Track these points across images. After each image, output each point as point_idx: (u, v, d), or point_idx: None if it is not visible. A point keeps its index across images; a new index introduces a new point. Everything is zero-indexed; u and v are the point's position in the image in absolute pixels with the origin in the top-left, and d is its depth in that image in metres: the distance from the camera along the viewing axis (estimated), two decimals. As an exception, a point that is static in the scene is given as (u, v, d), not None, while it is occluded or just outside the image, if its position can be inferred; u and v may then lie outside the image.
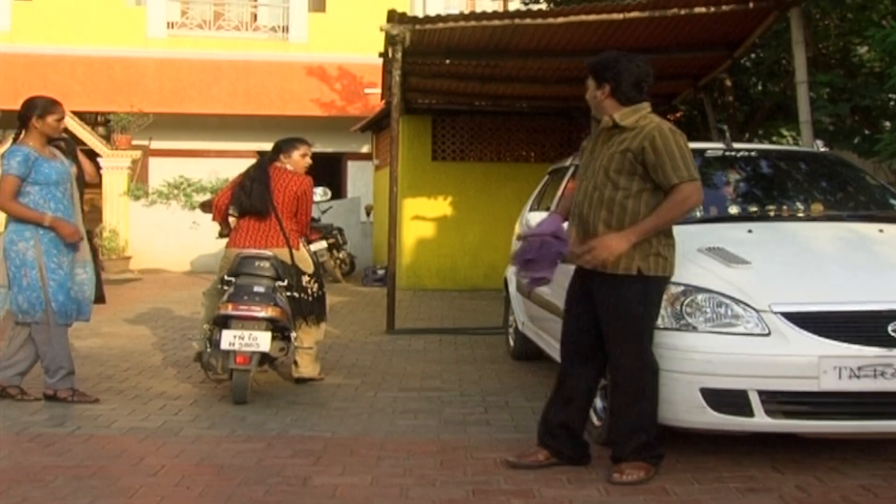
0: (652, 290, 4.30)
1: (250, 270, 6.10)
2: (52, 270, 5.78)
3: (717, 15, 9.28)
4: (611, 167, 4.36)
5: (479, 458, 4.76)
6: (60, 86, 17.41)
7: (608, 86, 4.41)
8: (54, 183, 5.81)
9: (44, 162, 5.78)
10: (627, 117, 4.40)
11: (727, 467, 4.51)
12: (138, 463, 4.67)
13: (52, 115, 5.84)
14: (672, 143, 4.28)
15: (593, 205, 4.40)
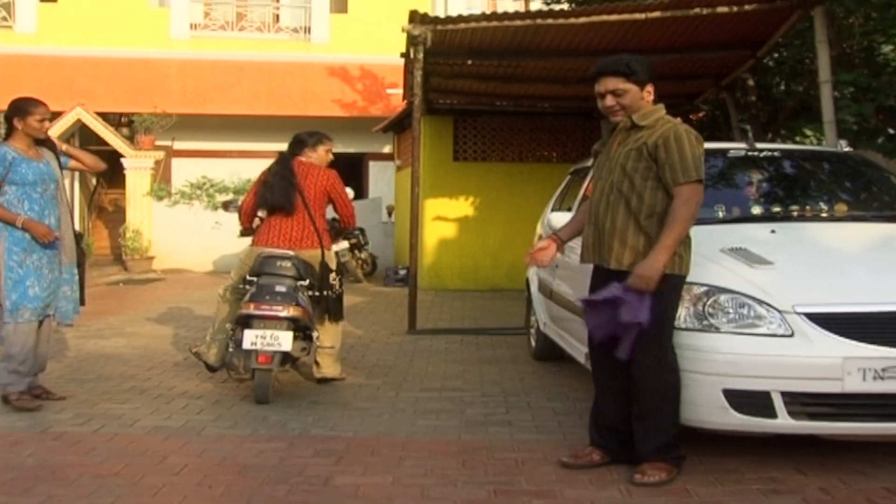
0: (670, 289, 4.29)
1: (272, 270, 6.12)
2: (9, 269, 5.76)
3: (740, 14, 9.23)
4: (628, 164, 4.38)
5: (501, 458, 4.75)
6: (85, 87, 17.59)
7: (651, 85, 4.45)
8: (30, 183, 5.79)
9: (22, 162, 5.79)
10: (647, 118, 4.43)
11: (750, 469, 4.49)
12: (161, 462, 4.70)
13: (32, 116, 5.84)
14: (685, 143, 4.30)
15: (610, 204, 4.41)
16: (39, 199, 5.86)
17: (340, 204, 6.61)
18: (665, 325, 4.30)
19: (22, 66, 17.59)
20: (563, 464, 4.57)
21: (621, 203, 4.37)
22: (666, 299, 4.28)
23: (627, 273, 4.28)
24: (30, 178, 5.80)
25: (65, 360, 7.62)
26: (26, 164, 5.81)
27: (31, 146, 5.92)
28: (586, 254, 4.59)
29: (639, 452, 4.35)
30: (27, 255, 5.79)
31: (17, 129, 5.87)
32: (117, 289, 14.26)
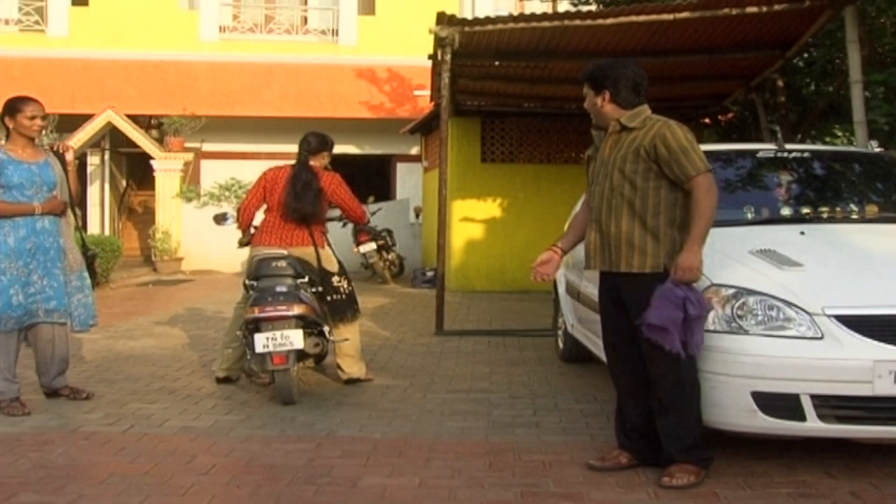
0: None
1: (269, 272, 6.17)
2: None
3: (769, 14, 9.16)
4: (626, 167, 4.40)
5: (528, 460, 4.75)
6: (115, 89, 17.75)
7: (607, 92, 4.51)
8: (16, 186, 5.63)
9: (10, 164, 5.63)
10: (633, 119, 4.48)
11: (779, 472, 4.46)
12: (190, 461, 4.73)
13: (22, 114, 5.68)
14: (682, 138, 4.33)
15: (613, 209, 4.43)
16: (30, 203, 5.71)
17: (345, 206, 6.79)
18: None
19: (54, 69, 17.78)
20: (591, 466, 4.56)
21: (624, 206, 4.39)
22: None
23: (638, 275, 4.29)
24: (15, 180, 5.64)
25: (95, 361, 7.68)
26: (13, 167, 5.64)
27: (26, 147, 5.76)
28: (591, 260, 4.60)
29: (666, 453, 4.34)
30: (11, 262, 5.65)
31: (9, 129, 5.74)
32: (146, 290, 14.37)
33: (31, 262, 5.70)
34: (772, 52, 10.73)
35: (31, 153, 5.78)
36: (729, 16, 9.07)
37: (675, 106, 14.01)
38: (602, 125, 4.62)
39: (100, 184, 19.20)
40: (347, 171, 20.48)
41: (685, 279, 4.18)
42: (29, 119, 5.70)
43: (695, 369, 4.31)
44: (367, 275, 15.70)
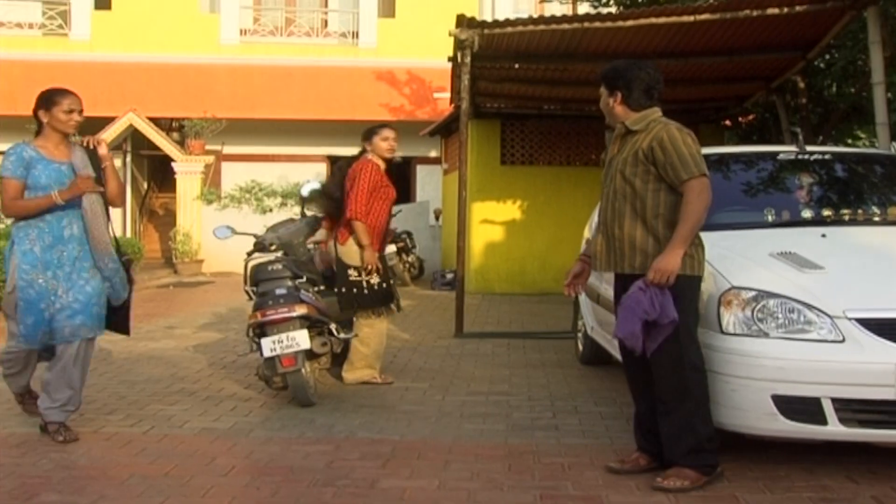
0: (683, 290, 4.25)
1: (267, 276, 6.21)
2: (21, 289, 5.13)
3: (790, 16, 9.12)
4: (626, 170, 4.42)
5: (547, 462, 4.74)
6: (137, 92, 17.86)
7: (619, 93, 4.51)
8: (43, 188, 5.10)
9: (39, 162, 5.13)
10: (638, 122, 4.48)
11: (800, 476, 4.43)
12: (210, 463, 4.75)
13: (59, 107, 5.16)
14: (679, 142, 4.32)
15: (616, 211, 4.44)
16: (54, 207, 5.19)
17: (348, 196, 6.65)
18: (684, 325, 4.25)
19: (76, 72, 17.88)
20: (610, 469, 4.55)
21: (626, 208, 4.40)
22: (682, 299, 4.24)
23: (641, 276, 4.28)
24: (42, 181, 5.13)
25: (116, 362, 7.72)
26: (43, 165, 5.14)
27: (59, 144, 5.24)
28: (598, 262, 4.61)
29: (666, 457, 4.34)
30: (38, 273, 5.15)
31: (43, 124, 5.20)
32: (167, 291, 14.45)
33: (59, 273, 5.17)
34: (793, 53, 10.67)
35: (64, 151, 5.26)
36: (750, 17, 9.03)
37: (696, 108, 13.99)
38: (613, 126, 4.65)
39: (121, 186, 19.31)
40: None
41: (657, 281, 4.18)
42: (66, 113, 5.18)
43: (701, 372, 4.30)
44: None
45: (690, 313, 4.34)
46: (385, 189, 6.71)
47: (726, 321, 4.36)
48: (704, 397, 4.31)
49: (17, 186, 5.12)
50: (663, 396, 4.32)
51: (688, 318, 4.31)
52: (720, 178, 5.93)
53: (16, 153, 5.14)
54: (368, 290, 6.59)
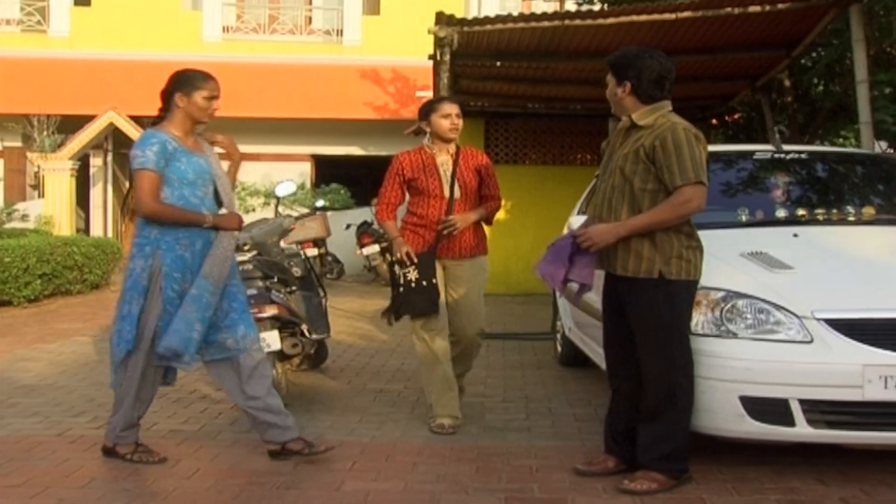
0: (677, 294, 4.18)
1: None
2: (169, 300, 4.53)
3: (774, 14, 9.07)
4: (626, 167, 4.27)
5: (516, 464, 4.69)
6: (117, 90, 17.72)
7: (629, 83, 4.30)
8: (189, 184, 4.58)
9: (182, 154, 4.58)
10: (645, 116, 4.29)
11: (769, 478, 4.38)
12: (174, 465, 4.68)
13: (199, 92, 4.65)
14: (684, 144, 4.14)
15: (613, 207, 4.31)
16: (200, 206, 4.64)
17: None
18: (674, 330, 4.19)
19: (55, 69, 17.77)
20: (578, 471, 4.49)
21: (623, 207, 4.26)
22: (677, 303, 4.18)
23: (633, 279, 4.20)
24: (190, 176, 4.57)
25: (90, 364, 7.64)
26: (187, 158, 4.59)
27: (190, 133, 4.71)
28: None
29: (638, 459, 4.28)
30: (189, 282, 4.59)
31: (177, 109, 4.64)
32: (149, 291, 14.32)
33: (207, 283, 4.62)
34: (777, 51, 10.60)
35: (195, 143, 4.75)
36: (732, 15, 8.97)
37: (682, 106, 13.82)
38: (620, 116, 4.43)
39: (102, 185, 19.19)
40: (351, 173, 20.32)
41: (583, 244, 4.21)
42: (207, 100, 4.70)
43: (690, 379, 4.22)
44: (370, 277, 15.68)
45: (685, 318, 4.25)
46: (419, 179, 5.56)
47: (695, 322, 4.30)
48: (689, 405, 4.24)
49: (157, 181, 4.52)
50: (650, 401, 4.23)
51: (682, 323, 4.24)
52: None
53: (158, 141, 4.54)
54: (405, 287, 5.53)
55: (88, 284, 13.11)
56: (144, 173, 4.49)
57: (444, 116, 5.54)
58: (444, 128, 5.55)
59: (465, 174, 5.59)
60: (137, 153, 4.51)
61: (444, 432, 5.29)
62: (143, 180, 4.50)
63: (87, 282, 13.05)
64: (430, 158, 5.58)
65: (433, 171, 5.54)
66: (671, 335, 4.18)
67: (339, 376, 7.09)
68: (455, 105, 5.59)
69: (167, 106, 4.69)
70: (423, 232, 5.55)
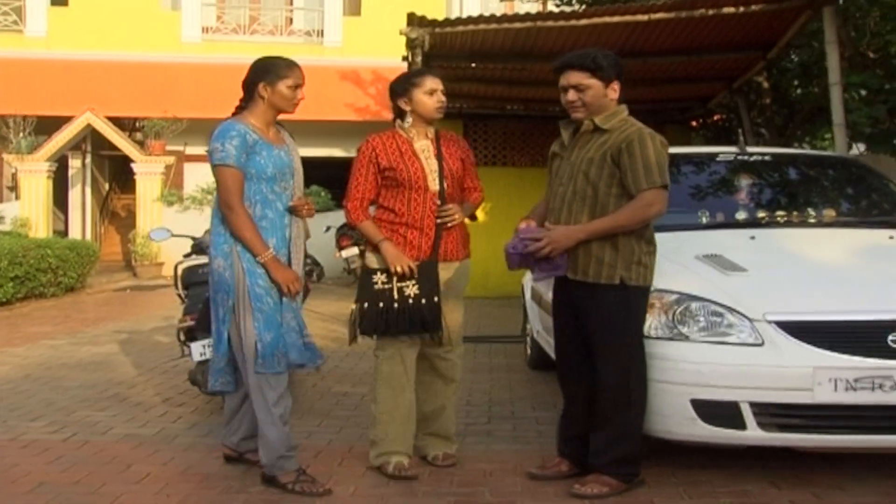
0: (635, 300, 4.16)
1: (197, 279, 6.09)
2: (256, 297, 4.20)
3: (748, 15, 9.06)
4: (591, 171, 4.19)
5: (470, 468, 4.64)
6: (95, 91, 17.65)
7: (617, 83, 4.25)
8: (268, 179, 4.24)
9: (263, 147, 4.24)
10: (609, 120, 4.24)
11: (722, 482, 4.34)
12: (125, 470, 4.63)
13: (284, 81, 4.32)
14: (650, 149, 4.11)
15: (573, 212, 4.24)
16: (277, 202, 4.32)
17: None
18: (631, 335, 4.16)
19: (32, 69, 17.69)
20: (531, 475, 4.45)
21: (585, 212, 4.20)
22: (631, 309, 4.16)
23: (593, 285, 4.15)
24: (269, 171, 4.25)
25: (53, 367, 7.58)
26: (267, 151, 4.26)
27: (271, 125, 4.39)
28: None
29: (591, 462, 4.24)
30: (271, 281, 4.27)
31: (260, 100, 4.32)
32: (124, 295, 14.26)
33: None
34: (753, 53, 10.62)
35: (276, 134, 4.42)
36: (706, 16, 8.95)
37: (661, 108, 13.93)
38: (577, 120, 4.32)
39: (81, 187, 19.10)
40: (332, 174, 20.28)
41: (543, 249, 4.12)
42: (291, 90, 4.36)
43: (644, 383, 4.19)
44: (349, 280, 15.63)
45: (641, 324, 4.22)
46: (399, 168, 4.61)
47: (649, 325, 4.25)
48: (642, 409, 4.21)
49: (241, 179, 4.19)
50: (605, 406, 4.18)
51: (639, 328, 4.21)
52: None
53: (238, 134, 4.21)
54: (401, 304, 4.56)
55: (63, 287, 13.06)
56: (226, 170, 4.16)
57: (429, 93, 4.65)
58: (429, 107, 4.65)
59: (451, 162, 4.72)
60: (217, 146, 4.19)
61: (406, 475, 4.45)
62: (226, 177, 4.17)
63: (62, 284, 13.00)
64: (406, 143, 4.66)
65: (413, 159, 4.62)
66: (628, 340, 4.15)
67: (305, 379, 7.03)
68: (439, 79, 4.71)
69: (249, 96, 4.36)
70: (404, 231, 4.61)
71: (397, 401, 4.58)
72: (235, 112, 4.39)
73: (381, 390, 4.62)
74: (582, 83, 4.23)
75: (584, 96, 4.24)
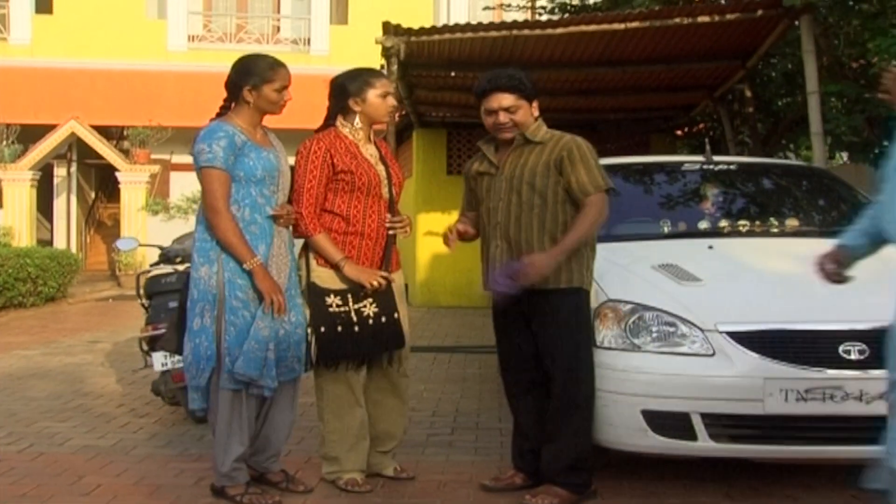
0: (586, 305, 4.17)
1: (160, 289, 6.06)
2: (232, 310, 4.06)
3: (725, 24, 9.05)
4: (536, 181, 4.20)
5: (425, 480, 4.59)
6: (80, 99, 17.62)
7: (536, 101, 4.35)
8: (257, 181, 4.10)
9: (252, 149, 4.10)
10: (538, 131, 4.31)
11: (676, 493, 4.30)
12: (75, 482, 4.57)
13: (271, 85, 4.16)
14: (588, 154, 4.20)
15: (522, 224, 4.23)
16: (266, 206, 4.17)
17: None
18: (581, 341, 4.14)
19: (16, 78, 17.67)
20: (484, 487, 4.41)
21: (534, 222, 4.20)
22: (581, 314, 4.15)
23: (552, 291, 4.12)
24: (258, 173, 4.10)
25: (22, 378, 7.53)
26: (256, 153, 4.12)
27: (256, 127, 4.22)
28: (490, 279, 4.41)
29: (543, 473, 4.20)
30: (253, 289, 4.10)
31: (244, 102, 4.16)
32: (106, 305, 14.19)
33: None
34: (732, 62, 10.59)
35: (262, 136, 4.27)
36: (683, 26, 8.94)
37: (645, 117, 13.92)
38: (507, 136, 4.31)
39: (66, 196, 19.06)
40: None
41: (525, 276, 4.02)
42: (278, 92, 4.20)
43: (593, 391, 4.15)
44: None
45: (585, 329, 4.20)
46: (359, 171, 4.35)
47: (602, 335, 4.22)
48: (592, 415, 4.17)
49: (228, 181, 4.05)
50: (555, 416, 4.16)
51: (588, 334, 4.19)
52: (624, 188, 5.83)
53: (226, 135, 4.06)
54: (361, 327, 4.32)
55: (43, 297, 13.00)
56: (213, 172, 4.01)
57: (384, 96, 4.45)
58: (382, 110, 4.46)
59: (396, 170, 4.59)
60: (203, 147, 4.03)
61: (358, 489, 4.33)
62: (212, 180, 4.01)
63: (42, 294, 12.93)
64: (354, 146, 4.39)
65: (367, 163, 4.36)
66: (580, 347, 4.14)
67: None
68: (391, 82, 4.62)
69: (234, 97, 4.21)
70: (357, 242, 4.33)
71: (345, 421, 4.38)
72: (220, 113, 4.26)
73: (327, 411, 4.42)
74: (513, 105, 4.27)
75: (515, 117, 4.28)
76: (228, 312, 4.03)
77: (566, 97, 11.89)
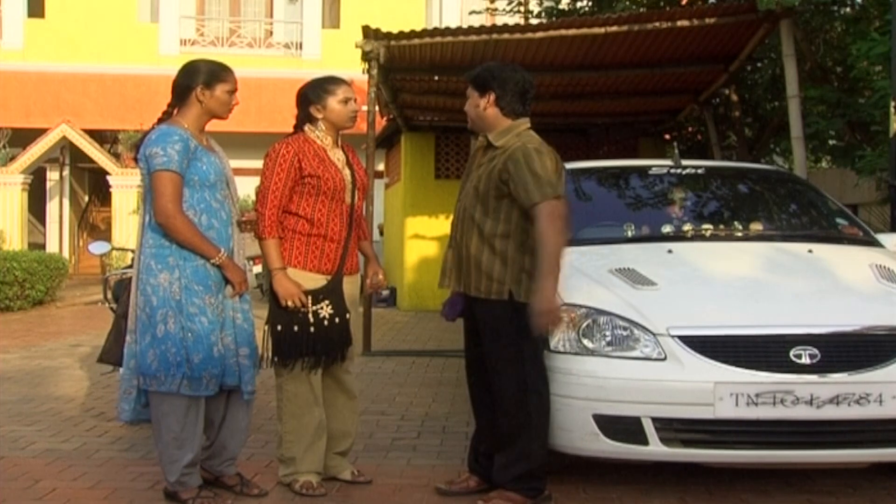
0: (524, 313, 4.04)
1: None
2: (189, 316, 4.04)
3: (706, 29, 9.07)
4: (480, 186, 4.17)
5: (381, 484, 4.58)
6: (72, 103, 17.64)
7: (492, 94, 4.18)
8: (210, 186, 4.12)
9: (203, 154, 4.12)
10: (500, 137, 4.19)
11: (632, 497, 4.29)
12: (31, 486, 4.55)
13: (223, 86, 4.21)
14: (535, 161, 4.02)
15: (465, 230, 4.22)
16: (221, 211, 4.18)
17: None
18: (525, 349, 4.10)
19: (8, 81, 17.68)
20: (439, 490, 4.41)
21: (474, 228, 4.16)
22: (524, 323, 4.03)
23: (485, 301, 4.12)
24: (212, 177, 4.11)
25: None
26: (207, 158, 4.13)
27: (202, 132, 4.24)
28: (446, 278, 4.40)
29: (494, 479, 4.18)
30: (211, 295, 4.11)
31: (196, 104, 4.17)
32: (94, 308, 14.16)
33: (220, 294, 4.18)
34: (715, 66, 10.60)
35: (207, 142, 4.29)
36: (663, 30, 8.94)
37: (633, 121, 13.93)
38: (481, 132, 4.30)
39: (59, 199, 19.06)
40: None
41: (545, 324, 3.91)
42: (228, 94, 4.24)
43: (544, 398, 4.12)
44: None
45: (527, 339, 4.10)
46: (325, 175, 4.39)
47: (555, 340, 4.20)
48: (545, 424, 4.13)
49: (181, 184, 4.01)
50: (503, 424, 4.14)
51: (531, 342, 4.11)
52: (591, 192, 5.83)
53: (181, 139, 4.04)
54: (317, 327, 4.39)
55: (30, 300, 12.99)
56: (167, 175, 3.96)
57: (343, 101, 4.47)
58: (343, 116, 4.47)
59: (361, 174, 4.63)
60: (158, 151, 3.98)
61: (313, 493, 4.34)
62: (166, 183, 3.96)
63: (29, 297, 12.94)
64: (322, 151, 4.44)
65: (333, 167, 4.41)
66: (522, 355, 4.09)
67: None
68: (351, 87, 4.61)
69: (182, 100, 4.19)
70: (321, 244, 4.38)
71: (303, 420, 4.41)
72: (162, 118, 4.23)
73: (286, 410, 4.45)
74: (468, 95, 4.33)
75: (466, 107, 4.35)
76: (186, 319, 4.03)
77: (553, 101, 11.88)
